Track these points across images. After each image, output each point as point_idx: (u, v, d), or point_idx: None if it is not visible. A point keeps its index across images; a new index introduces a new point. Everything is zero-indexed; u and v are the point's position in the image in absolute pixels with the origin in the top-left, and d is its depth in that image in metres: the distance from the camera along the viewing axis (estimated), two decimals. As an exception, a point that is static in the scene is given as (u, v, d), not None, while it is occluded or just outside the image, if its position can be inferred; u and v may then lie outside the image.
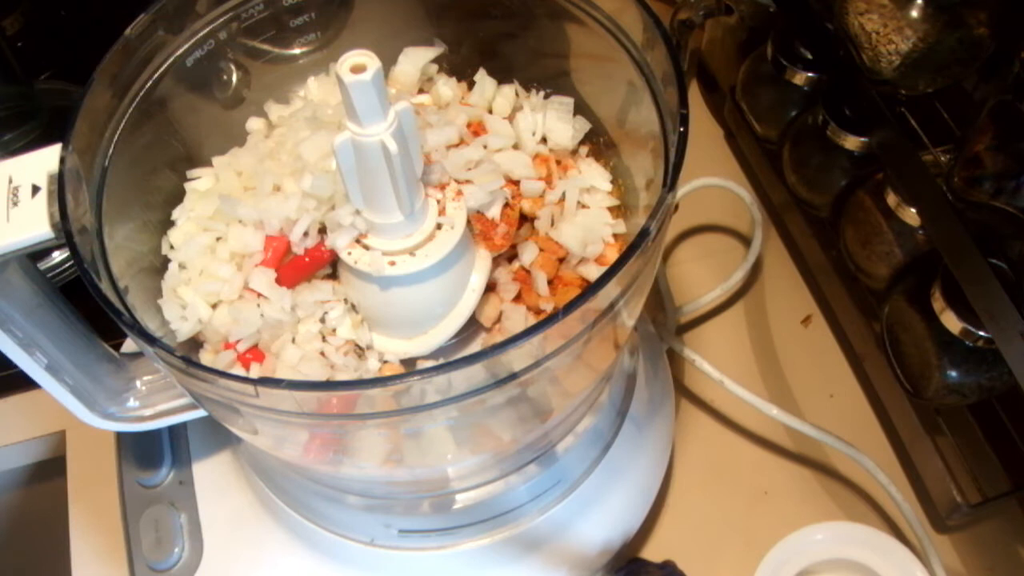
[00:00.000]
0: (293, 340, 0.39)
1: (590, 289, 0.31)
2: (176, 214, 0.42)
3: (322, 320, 0.39)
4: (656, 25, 0.37)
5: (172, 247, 0.41)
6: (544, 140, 0.45)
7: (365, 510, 0.45)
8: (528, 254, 0.41)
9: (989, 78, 0.51)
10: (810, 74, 0.61)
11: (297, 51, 0.47)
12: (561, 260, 0.42)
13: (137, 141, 0.40)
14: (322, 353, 0.38)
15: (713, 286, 0.62)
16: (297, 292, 0.39)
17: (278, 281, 0.39)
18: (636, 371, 0.50)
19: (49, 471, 0.61)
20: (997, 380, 0.48)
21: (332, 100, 0.45)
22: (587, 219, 0.42)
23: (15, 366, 0.39)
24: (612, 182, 0.44)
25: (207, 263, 0.40)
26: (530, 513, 0.46)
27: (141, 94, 0.40)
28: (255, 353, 0.39)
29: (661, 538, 0.55)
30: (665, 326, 0.59)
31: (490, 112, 0.45)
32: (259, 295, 0.39)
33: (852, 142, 0.57)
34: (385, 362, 0.40)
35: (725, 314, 0.65)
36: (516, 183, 0.42)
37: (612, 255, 0.42)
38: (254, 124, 0.45)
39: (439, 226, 0.38)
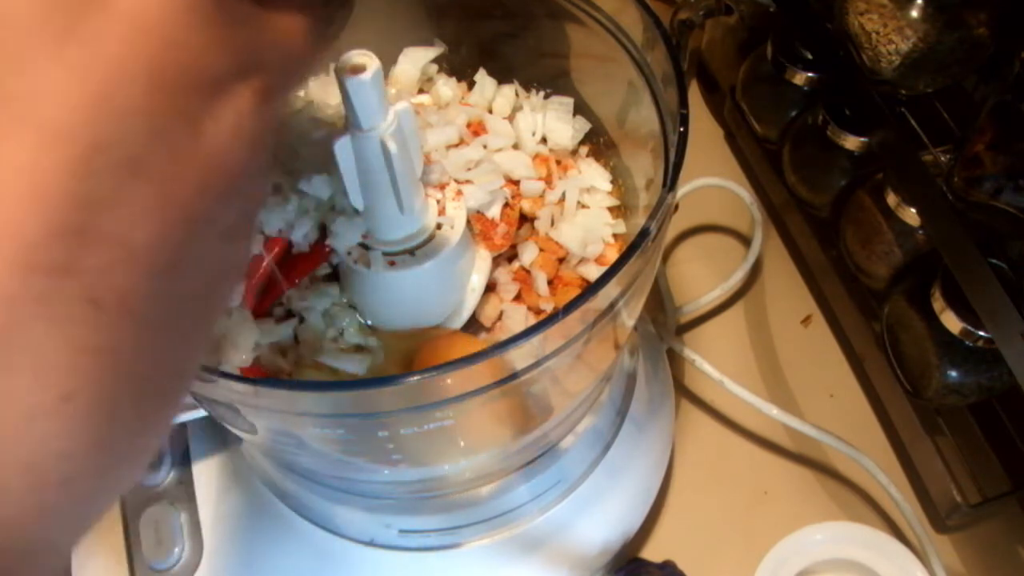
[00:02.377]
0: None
1: (590, 289, 0.31)
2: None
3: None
4: (656, 25, 0.37)
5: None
6: (544, 140, 0.45)
7: (365, 510, 0.45)
8: (528, 254, 0.41)
9: (989, 78, 0.51)
10: (810, 74, 0.61)
11: (297, 51, 0.46)
12: (561, 260, 0.42)
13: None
14: (322, 353, 0.38)
15: (713, 286, 0.62)
16: (303, 296, 0.39)
17: (282, 279, 0.39)
18: (636, 371, 0.50)
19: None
20: (997, 380, 0.48)
21: (332, 100, 0.45)
22: (587, 219, 0.42)
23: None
24: (612, 182, 0.44)
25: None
26: (530, 513, 0.46)
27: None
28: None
29: (661, 538, 0.55)
30: (665, 326, 0.59)
31: (490, 112, 0.45)
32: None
33: (852, 142, 0.57)
34: (385, 362, 0.40)
35: (725, 314, 0.65)
36: (516, 183, 0.42)
37: (612, 255, 0.42)
38: (254, 124, 0.45)
39: (439, 226, 0.38)
